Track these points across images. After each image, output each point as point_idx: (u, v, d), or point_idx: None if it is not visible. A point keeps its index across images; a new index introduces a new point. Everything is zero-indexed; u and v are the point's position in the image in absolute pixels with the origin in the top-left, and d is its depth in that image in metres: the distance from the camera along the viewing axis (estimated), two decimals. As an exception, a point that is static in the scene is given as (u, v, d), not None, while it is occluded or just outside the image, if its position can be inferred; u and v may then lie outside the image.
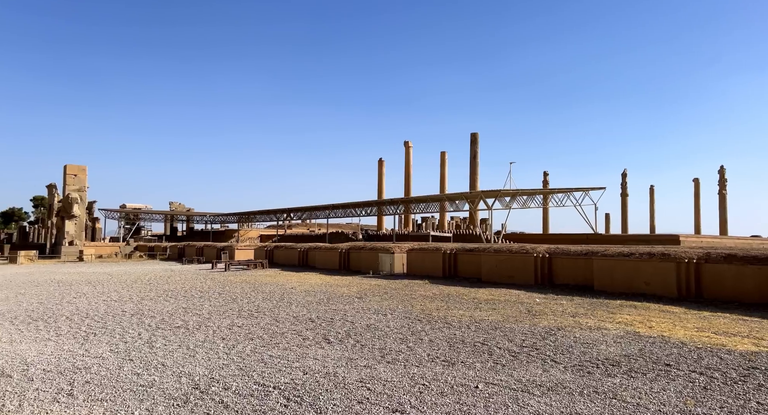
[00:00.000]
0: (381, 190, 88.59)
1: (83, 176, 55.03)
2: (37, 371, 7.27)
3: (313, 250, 36.59)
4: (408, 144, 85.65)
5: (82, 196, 54.43)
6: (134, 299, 17.24)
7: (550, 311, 13.99)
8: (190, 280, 25.14)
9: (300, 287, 21.28)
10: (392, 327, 11.40)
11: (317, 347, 9.22)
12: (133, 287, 21.31)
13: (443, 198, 62.02)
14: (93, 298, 17.44)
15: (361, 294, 18.41)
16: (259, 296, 18.10)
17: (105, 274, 29.70)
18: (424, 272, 26.20)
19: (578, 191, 58.12)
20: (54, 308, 14.66)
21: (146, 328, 11.35)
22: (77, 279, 25.76)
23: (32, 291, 19.65)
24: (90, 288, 20.90)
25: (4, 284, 22.52)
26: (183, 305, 15.42)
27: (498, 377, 7.21)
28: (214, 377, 7.11)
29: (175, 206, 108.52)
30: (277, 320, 12.43)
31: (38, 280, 25.17)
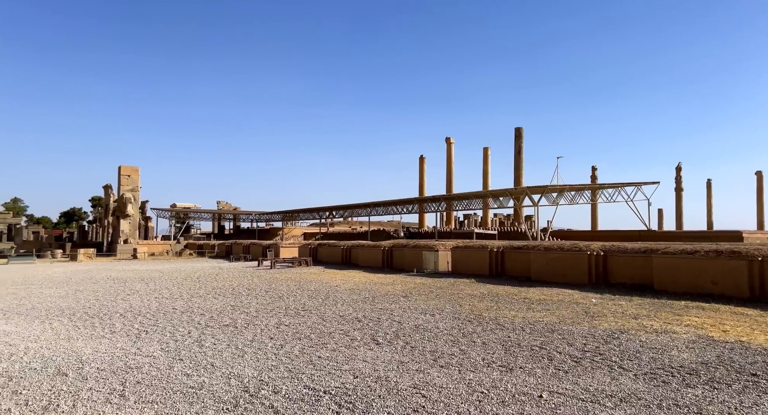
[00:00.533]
0: (422, 187, 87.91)
1: (136, 177, 57.28)
2: (91, 370, 7.32)
3: (356, 248, 36.53)
4: (449, 140, 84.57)
5: (135, 196, 56.68)
6: (184, 296, 17.56)
7: (609, 312, 13.17)
8: (237, 277, 25.53)
9: (344, 285, 21.16)
10: (442, 328, 10.98)
11: (366, 349, 8.93)
12: (183, 285, 21.80)
13: (487, 195, 60.74)
14: (145, 295, 17.89)
15: (406, 293, 18.06)
16: (305, 294, 18.07)
17: (157, 271, 30.66)
18: (469, 271, 25.56)
19: (630, 186, 55.61)
20: (109, 305, 15.08)
21: (196, 326, 11.41)
22: (131, 276, 26.67)
23: (89, 288, 20.41)
24: (143, 285, 21.53)
25: (65, 281, 23.56)
26: (231, 303, 15.54)
27: (562, 385, 6.67)
28: (263, 379, 6.93)
29: (222, 205, 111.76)
30: (323, 319, 12.25)
31: (95, 277, 26.22)
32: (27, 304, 15.30)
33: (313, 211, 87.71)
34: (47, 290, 19.49)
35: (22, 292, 18.81)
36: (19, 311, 13.71)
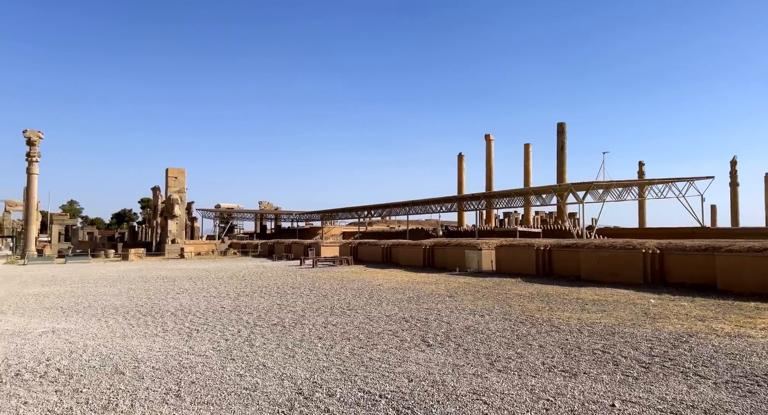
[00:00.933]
0: (461, 185, 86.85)
1: (182, 178, 59.06)
2: (147, 369, 7.37)
3: (396, 246, 36.33)
4: (489, 137, 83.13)
5: (182, 198, 58.46)
6: (231, 295, 17.79)
7: (672, 313, 12.39)
8: (281, 276, 25.79)
9: (387, 284, 20.96)
10: (493, 330, 10.57)
11: (417, 350, 8.66)
12: (229, 283, 22.17)
13: (529, 192, 59.29)
14: (194, 294, 18.24)
15: (451, 293, 17.68)
16: (349, 293, 17.97)
17: (204, 270, 31.41)
18: (514, 270, 24.87)
19: (682, 181, 52.99)
20: (160, 304, 15.42)
21: (245, 325, 11.45)
22: (179, 275, 27.39)
23: (141, 287, 21.04)
24: (191, 284, 22.02)
25: (118, 280, 24.42)
26: (277, 302, 15.60)
27: (634, 393, 6.19)
28: (316, 381, 6.77)
29: (264, 206, 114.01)
30: (370, 319, 12.06)
31: (146, 276, 27.08)
32: (84, 302, 15.85)
33: (351, 210, 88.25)
34: (102, 289, 20.21)
35: (80, 290, 19.56)
36: (77, 309, 14.20)
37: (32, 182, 50.48)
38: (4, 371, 7.22)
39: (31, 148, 49.53)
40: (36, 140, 49.58)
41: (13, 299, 16.86)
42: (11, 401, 5.92)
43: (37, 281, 23.81)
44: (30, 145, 49.46)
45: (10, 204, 77.53)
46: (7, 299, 16.80)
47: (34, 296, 17.80)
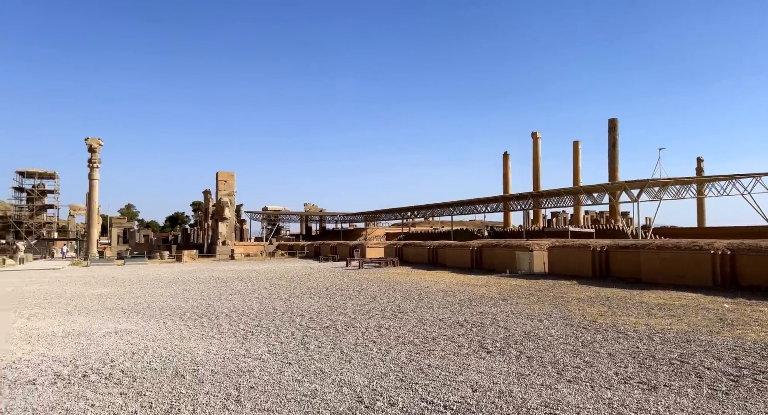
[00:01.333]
0: (507, 185, 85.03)
1: (232, 182, 60.73)
2: (206, 372, 7.37)
3: (442, 248, 35.82)
4: (536, 135, 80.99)
5: (231, 200, 60.11)
6: (282, 296, 17.93)
7: (752, 320, 11.41)
8: (329, 277, 25.88)
9: (435, 287, 20.59)
10: (555, 336, 10.04)
11: (477, 357, 8.29)
12: (279, 284, 22.42)
13: (579, 190, 57.19)
14: (246, 295, 18.51)
15: (504, 295, 17.11)
16: (398, 295, 17.73)
17: (254, 271, 32.02)
18: (568, 272, 23.90)
19: (747, 178, 49.58)
20: (215, 305, 15.70)
21: (297, 327, 11.41)
22: (231, 276, 28.01)
23: (195, 288, 21.59)
24: (242, 285, 22.41)
25: (174, 281, 25.21)
26: (327, 304, 15.56)
27: (728, 410, 5.60)
28: (375, 388, 6.54)
29: (308, 207, 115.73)
30: (423, 323, 11.76)
31: (199, 277, 27.85)
32: (143, 303, 16.36)
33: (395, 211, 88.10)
34: (159, 290, 20.87)
35: (138, 291, 20.27)
36: (136, 310, 14.64)
37: (93, 188, 53.21)
38: (72, 372, 7.41)
39: (92, 155, 52.23)
40: (96, 147, 52.24)
41: (78, 299, 17.63)
42: (79, 403, 6.02)
43: (99, 282, 24.92)
44: (91, 152, 52.16)
45: (74, 209, 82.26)
46: (74, 299, 17.59)
47: (97, 296, 18.56)
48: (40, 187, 69.15)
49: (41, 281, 25.71)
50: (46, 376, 7.19)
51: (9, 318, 13.25)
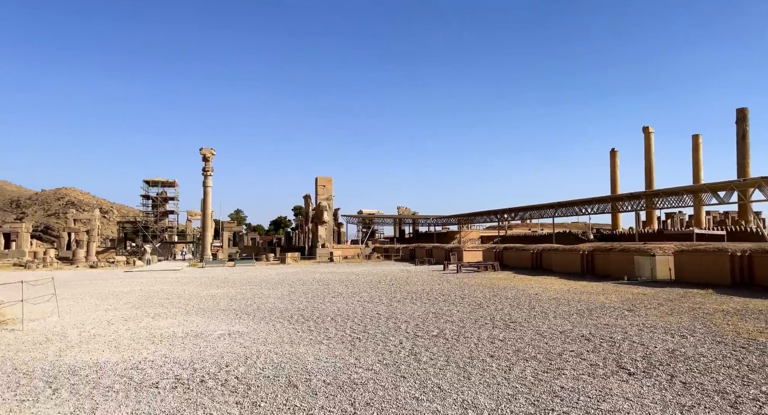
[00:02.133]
0: (614, 183, 78.80)
1: (330, 186, 62.60)
2: (318, 383, 7.04)
3: (547, 251, 33.63)
4: (648, 130, 74.20)
5: (329, 204, 61.95)
6: (384, 300, 17.59)
7: None
8: (427, 281, 25.25)
9: (545, 294, 19.09)
10: (709, 356, 8.47)
11: (617, 379, 7.13)
12: (379, 288, 22.20)
13: (703, 189, 51.07)
14: (348, 298, 18.44)
15: (628, 305, 15.28)
16: (505, 302, 16.60)
17: (353, 274, 32.34)
18: (700, 279, 21.01)
19: None
20: (320, 308, 15.73)
21: (405, 335, 10.88)
22: (332, 279, 28.45)
23: (299, 289, 22.06)
24: (343, 288, 22.51)
25: (279, 283, 26.08)
26: (431, 310, 14.90)
27: None
28: (506, 413, 5.73)
29: (402, 210, 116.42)
30: (542, 335, 10.65)
31: (302, 279, 28.62)
32: (253, 305, 16.87)
33: (489, 213, 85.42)
34: (266, 291, 21.60)
35: (248, 293, 21.12)
36: (247, 312, 15.07)
37: (207, 194, 57.56)
38: (191, 377, 7.47)
39: (206, 164, 56.54)
40: (210, 156, 56.48)
41: (195, 300, 18.69)
42: (198, 412, 5.91)
43: (213, 283, 26.51)
44: (205, 161, 56.50)
45: (191, 214, 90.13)
46: (191, 299, 18.67)
47: (212, 297, 19.57)
48: (163, 194, 76.45)
49: (164, 281, 27.93)
50: (167, 379, 7.30)
51: (137, 317, 14.22)
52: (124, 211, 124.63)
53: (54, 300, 16.19)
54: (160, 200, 75.73)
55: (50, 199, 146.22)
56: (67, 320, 13.40)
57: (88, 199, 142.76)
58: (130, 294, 20.78)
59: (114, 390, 6.73)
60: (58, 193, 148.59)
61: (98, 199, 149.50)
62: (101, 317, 13.99)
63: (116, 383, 7.05)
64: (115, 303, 17.63)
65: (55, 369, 7.93)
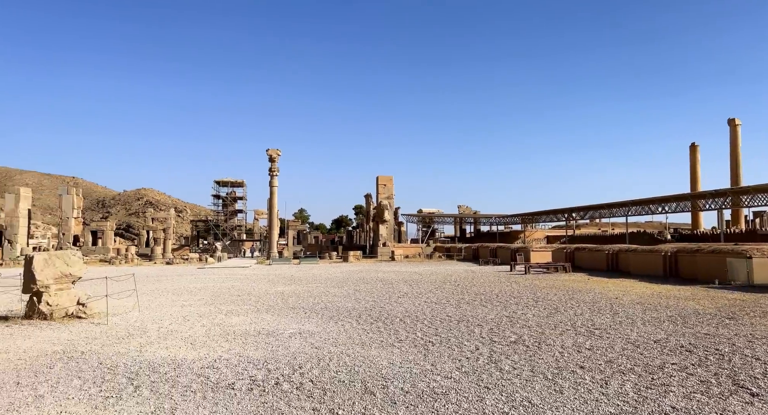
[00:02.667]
0: (695, 180, 73.17)
1: (390, 185, 62.53)
2: (396, 391, 6.64)
3: (625, 252, 31.54)
4: (734, 122, 68.22)
5: (390, 203, 61.89)
6: (452, 301, 17.01)
7: None
8: (495, 282, 24.33)
9: (626, 298, 17.73)
10: None
11: (738, 400, 6.19)
12: (444, 288, 21.61)
13: (802, 183, 46.02)
14: (414, 298, 18.01)
15: (727, 313, 13.77)
16: (583, 306, 15.51)
17: (415, 273, 31.90)
18: (809, 285, 18.73)
19: None
20: (387, 308, 15.41)
21: (480, 340, 10.28)
22: (395, 278, 28.16)
23: (364, 288, 21.91)
24: (408, 288, 22.11)
25: (344, 281, 26.12)
26: (504, 313, 14.15)
27: None
28: (613, 437, 5.05)
29: (462, 209, 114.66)
30: (634, 345, 9.68)
31: (365, 278, 28.54)
32: (320, 303, 16.85)
33: (556, 213, 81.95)
34: (332, 289, 21.62)
35: (315, 290, 21.22)
36: (315, 310, 15.02)
37: (273, 194, 59.23)
38: (266, 378, 7.31)
39: (272, 164, 58.18)
40: (275, 157, 58.06)
41: (265, 297, 18.97)
42: (275, 416, 5.69)
43: (280, 280, 27.00)
44: (271, 161, 58.15)
45: (257, 213, 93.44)
46: (261, 297, 18.98)
47: (280, 294, 19.82)
48: (232, 194, 79.66)
49: (234, 278, 28.81)
50: (243, 380, 7.18)
51: (211, 313, 14.54)
52: (196, 210, 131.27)
53: (135, 296, 16.96)
54: (229, 200, 78.95)
55: (131, 200, 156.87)
56: (146, 315, 13.92)
57: (164, 199, 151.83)
58: (204, 291, 21.49)
59: (192, 390, 6.68)
60: (138, 194, 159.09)
61: (173, 199, 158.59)
62: (178, 313, 14.42)
63: (193, 383, 7.02)
64: (190, 299, 18.23)
65: (137, 365, 8.07)
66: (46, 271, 12.40)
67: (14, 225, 53.63)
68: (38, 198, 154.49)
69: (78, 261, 13.13)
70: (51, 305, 12.44)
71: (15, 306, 14.54)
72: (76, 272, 13.08)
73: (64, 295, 12.82)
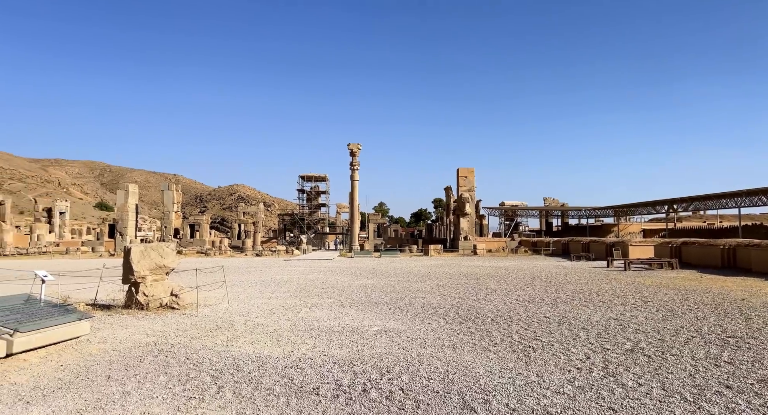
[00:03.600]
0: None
1: (472, 178, 60.67)
2: (501, 408, 5.74)
3: (744, 247, 27.80)
4: None
5: (471, 196, 60.09)
6: (546, 300, 15.62)
7: None
8: (592, 280, 22.31)
9: (754, 299, 15.35)
10: None
11: None
12: (535, 285, 20.10)
13: None
14: (504, 296, 16.81)
15: None
16: (704, 309, 13.49)
17: (501, 269, 30.37)
18: None
19: None
20: (476, 306, 14.41)
21: (588, 346, 9.03)
22: (479, 273, 26.90)
23: (448, 283, 20.98)
24: (495, 284, 20.85)
25: (426, 275, 25.34)
26: (610, 315, 12.61)
27: None
28: None
29: (548, 202, 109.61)
30: (787, 360, 7.96)
31: (448, 272, 27.56)
32: (404, 298, 16.20)
33: (653, 204, 75.54)
34: (415, 284, 20.93)
35: (397, 285, 20.66)
36: (399, 306, 14.38)
37: (354, 188, 59.78)
38: (352, 383, 6.72)
39: (353, 159, 58.69)
40: (356, 151, 58.51)
41: (348, 291, 18.71)
42: (364, 432, 5.04)
43: (362, 273, 26.82)
44: (352, 155, 58.68)
45: (339, 207, 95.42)
46: (344, 290, 18.74)
47: (363, 288, 19.47)
48: (316, 188, 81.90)
49: (318, 270, 29.11)
50: (328, 384, 6.64)
51: (296, 306, 14.41)
52: (283, 204, 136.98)
53: (224, 287, 17.37)
54: (313, 194, 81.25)
55: (225, 195, 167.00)
56: (235, 307, 14.07)
57: (254, 195, 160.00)
58: (290, 282, 21.72)
59: (275, 394, 6.23)
60: (231, 190, 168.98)
61: (262, 194, 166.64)
62: (264, 306, 14.45)
63: (277, 385, 6.58)
64: (276, 291, 18.40)
65: (222, 362, 7.85)
66: (142, 262, 12.84)
67: (124, 219, 58.74)
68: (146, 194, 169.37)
69: (171, 253, 13.50)
70: (147, 295, 12.87)
71: (117, 296, 15.36)
72: (170, 263, 13.45)
73: (159, 286, 13.22)
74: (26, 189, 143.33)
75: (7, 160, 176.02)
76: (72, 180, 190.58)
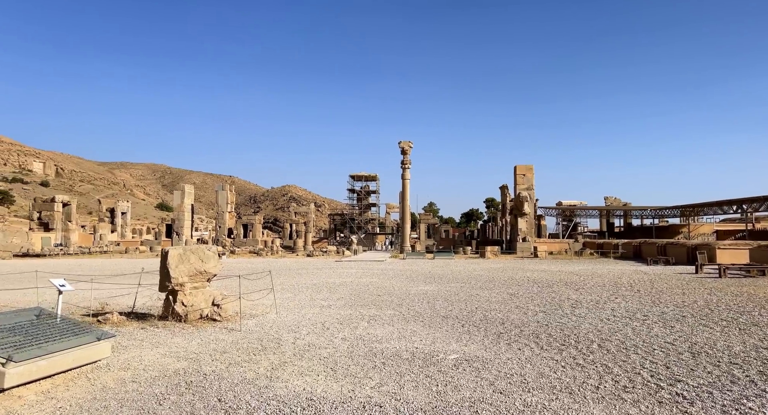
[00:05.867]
0: None
1: (530, 176, 57.19)
2: None
3: None
4: None
5: (530, 195, 56.61)
6: (650, 317, 12.86)
7: None
8: (687, 289, 19.08)
9: None
10: None
11: None
12: (624, 296, 17.22)
13: None
14: (594, 310, 14.13)
15: None
16: None
17: (571, 274, 27.36)
18: None
19: None
20: (568, 325, 11.92)
21: (762, 395, 6.48)
22: (549, 279, 24.13)
23: (518, 291, 18.46)
24: (577, 294, 18.12)
25: (490, 281, 22.85)
26: (753, 342, 9.81)
27: None
28: None
29: (610, 201, 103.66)
30: None
31: (513, 277, 24.94)
32: (476, 311, 13.91)
33: (727, 204, 68.77)
34: (480, 291, 18.57)
35: (461, 292, 18.36)
36: (473, 322, 12.11)
37: (405, 187, 57.74)
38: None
39: (404, 157, 56.66)
40: (407, 149, 56.43)
41: (408, 299, 16.62)
42: None
43: (419, 277, 24.67)
44: (403, 154, 56.66)
45: (389, 207, 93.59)
46: (404, 298, 16.67)
47: (424, 295, 17.34)
48: (366, 188, 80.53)
49: (371, 274, 27.23)
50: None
51: (352, 319, 12.47)
52: (333, 205, 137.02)
53: (272, 294, 15.73)
54: (363, 194, 79.92)
55: (277, 196, 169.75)
56: (283, 318, 12.32)
57: (305, 195, 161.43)
58: (342, 287, 19.93)
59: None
60: (283, 190, 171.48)
61: (313, 195, 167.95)
62: (316, 317, 12.61)
63: (337, 458, 4.59)
64: (329, 298, 16.60)
65: (262, 407, 5.95)
66: (180, 267, 11.29)
67: (180, 219, 59.47)
68: (203, 195, 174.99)
69: (213, 256, 11.90)
70: (186, 305, 11.31)
71: (157, 303, 14.02)
72: (211, 268, 11.85)
73: (199, 294, 11.65)
74: (94, 190, 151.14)
75: (77, 163, 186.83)
76: (136, 182, 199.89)
